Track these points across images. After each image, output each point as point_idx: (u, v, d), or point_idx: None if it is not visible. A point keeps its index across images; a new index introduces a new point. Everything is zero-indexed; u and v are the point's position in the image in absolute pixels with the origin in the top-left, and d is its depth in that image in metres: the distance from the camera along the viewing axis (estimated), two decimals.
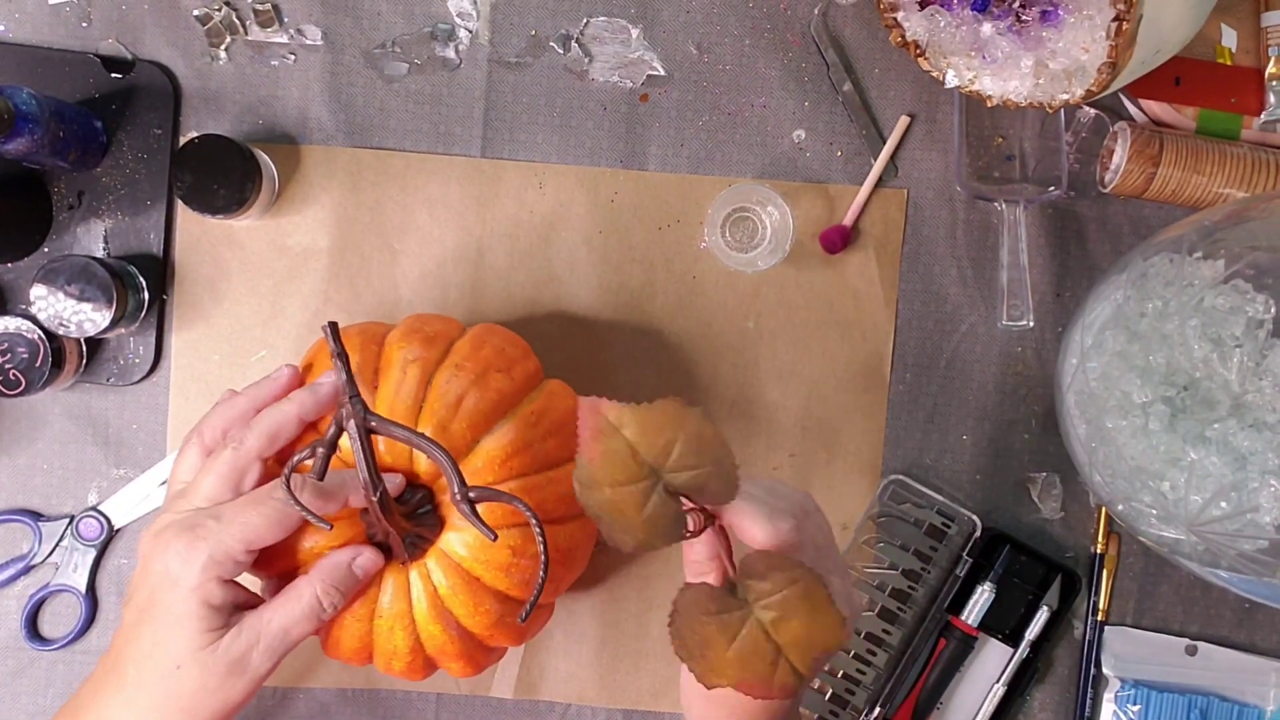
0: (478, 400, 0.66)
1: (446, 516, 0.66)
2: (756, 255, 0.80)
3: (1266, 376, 0.70)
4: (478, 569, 0.65)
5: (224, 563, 0.60)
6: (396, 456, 0.66)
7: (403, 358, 0.67)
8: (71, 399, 0.81)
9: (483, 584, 0.65)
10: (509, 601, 0.66)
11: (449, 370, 0.66)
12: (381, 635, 0.66)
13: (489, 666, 0.72)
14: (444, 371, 0.66)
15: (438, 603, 0.65)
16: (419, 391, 0.66)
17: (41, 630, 0.81)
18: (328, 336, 0.61)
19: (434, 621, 0.65)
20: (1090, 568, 0.83)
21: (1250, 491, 0.68)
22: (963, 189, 0.82)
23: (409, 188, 0.82)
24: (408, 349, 0.67)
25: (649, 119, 0.82)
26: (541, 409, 0.68)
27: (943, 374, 0.83)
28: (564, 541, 0.68)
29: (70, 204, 0.80)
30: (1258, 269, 0.72)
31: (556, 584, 0.70)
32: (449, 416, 0.65)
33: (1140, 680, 0.82)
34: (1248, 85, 0.81)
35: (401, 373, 0.66)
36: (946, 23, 0.75)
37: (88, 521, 0.80)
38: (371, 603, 0.65)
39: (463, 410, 0.65)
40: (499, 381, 0.67)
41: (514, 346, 0.70)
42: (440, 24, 0.81)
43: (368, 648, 0.67)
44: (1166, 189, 0.79)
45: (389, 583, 0.65)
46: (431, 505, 0.67)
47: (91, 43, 0.80)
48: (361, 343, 0.68)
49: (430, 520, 0.66)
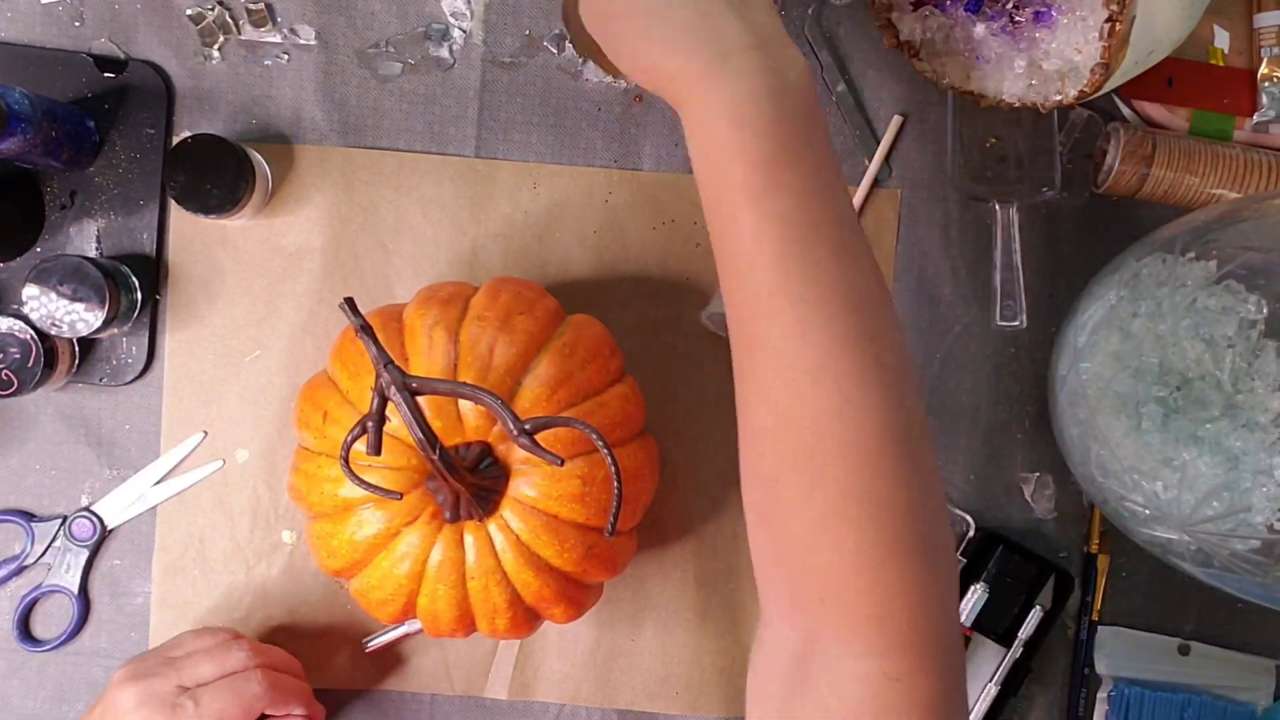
0: (508, 344, 0.67)
1: (509, 464, 0.67)
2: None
3: (1259, 377, 0.71)
4: (552, 506, 0.65)
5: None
6: (445, 421, 0.66)
7: (425, 324, 0.67)
8: (64, 399, 0.81)
9: (561, 520, 0.66)
10: (591, 532, 0.67)
11: (472, 324, 0.67)
12: (477, 597, 0.66)
13: (590, 606, 0.72)
14: (468, 327, 0.67)
15: (523, 549, 0.66)
16: (450, 349, 0.66)
17: (33, 631, 0.81)
18: (346, 312, 0.61)
19: (525, 569, 0.66)
20: (1083, 568, 0.83)
21: (1243, 491, 0.69)
22: (956, 189, 0.83)
23: (403, 188, 0.82)
24: (427, 314, 0.68)
25: (643, 119, 0.82)
26: (573, 339, 0.69)
27: (936, 374, 0.83)
28: (628, 462, 0.69)
29: (63, 204, 0.80)
30: (1250, 269, 0.72)
31: (633, 506, 0.70)
32: (485, 366, 0.66)
33: (1133, 680, 0.83)
34: (1240, 86, 0.81)
35: (428, 338, 0.67)
36: (940, 23, 0.75)
37: (80, 522, 0.80)
38: (459, 567, 0.66)
39: (496, 357, 0.66)
40: (524, 323, 0.68)
41: (529, 289, 0.71)
42: (434, 24, 0.81)
43: (467, 614, 0.67)
44: (1159, 189, 0.80)
45: (470, 542, 0.66)
46: (492, 458, 0.67)
47: (84, 42, 0.80)
48: (381, 322, 0.69)
49: (494, 472, 0.67)
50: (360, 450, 0.61)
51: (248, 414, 0.81)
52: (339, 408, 0.68)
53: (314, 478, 0.68)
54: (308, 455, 0.69)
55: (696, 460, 0.82)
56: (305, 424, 0.69)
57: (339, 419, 0.68)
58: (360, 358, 0.68)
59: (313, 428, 0.68)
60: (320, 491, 0.68)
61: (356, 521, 0.66)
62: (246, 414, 0.81)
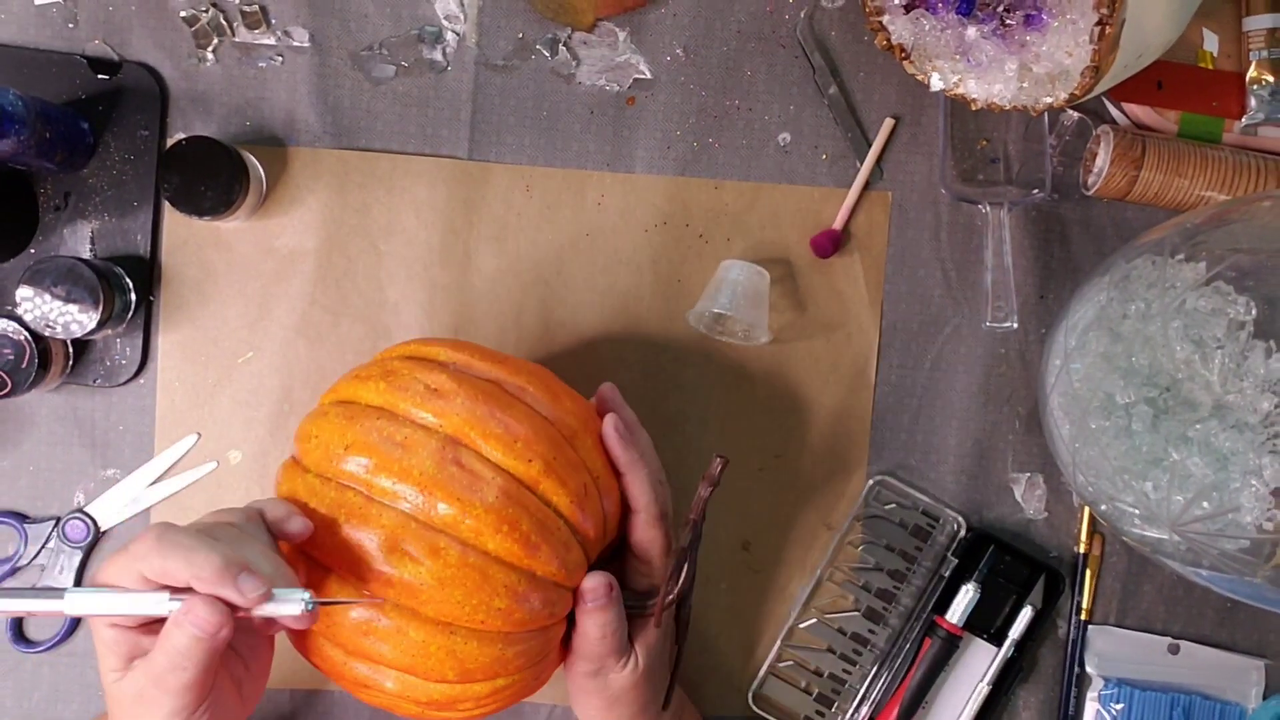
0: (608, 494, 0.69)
1: None
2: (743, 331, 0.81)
3: (1248, 377, 0.71)
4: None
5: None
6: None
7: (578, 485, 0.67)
8: (58, 400, 0.81)
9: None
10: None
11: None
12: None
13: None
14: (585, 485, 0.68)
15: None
16: (600, 507, 0.68)
17: (27, 633, 0.81)
18: (718, 470, 0.67)
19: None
20: (1074, 567, 0.84)
21: (1232, 492, 0.69)
22: (947, 191, 0.83)
23: (396, 190, 0.82)
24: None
25: (635, 122, 0.82)
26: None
27: (927, 375, 0.84)
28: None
29: (57, 205, 0.80)
30: (1239, 271, 0.72)
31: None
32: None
33: (1123, 679, 0.83)
34: (1229, 89, 0.82)
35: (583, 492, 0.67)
36: (931, 26, 0.75)
37: (74, 523, 0.80)
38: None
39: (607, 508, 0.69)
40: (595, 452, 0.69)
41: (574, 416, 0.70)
42: (427, 26, 0.81)
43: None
44: (1149, 192, 0.80)
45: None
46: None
47: (78, 44, 0.80)
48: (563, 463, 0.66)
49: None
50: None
51: (241, 415, 0.81)
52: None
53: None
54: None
55: (685, 461, 0.82)
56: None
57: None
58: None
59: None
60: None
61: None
62: (240, 415, 0.81)
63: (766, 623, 0.84)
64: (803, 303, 0.83)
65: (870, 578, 0.83)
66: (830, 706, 0.83)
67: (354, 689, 0.65)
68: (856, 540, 0.83)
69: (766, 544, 0.83)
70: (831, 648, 0.83)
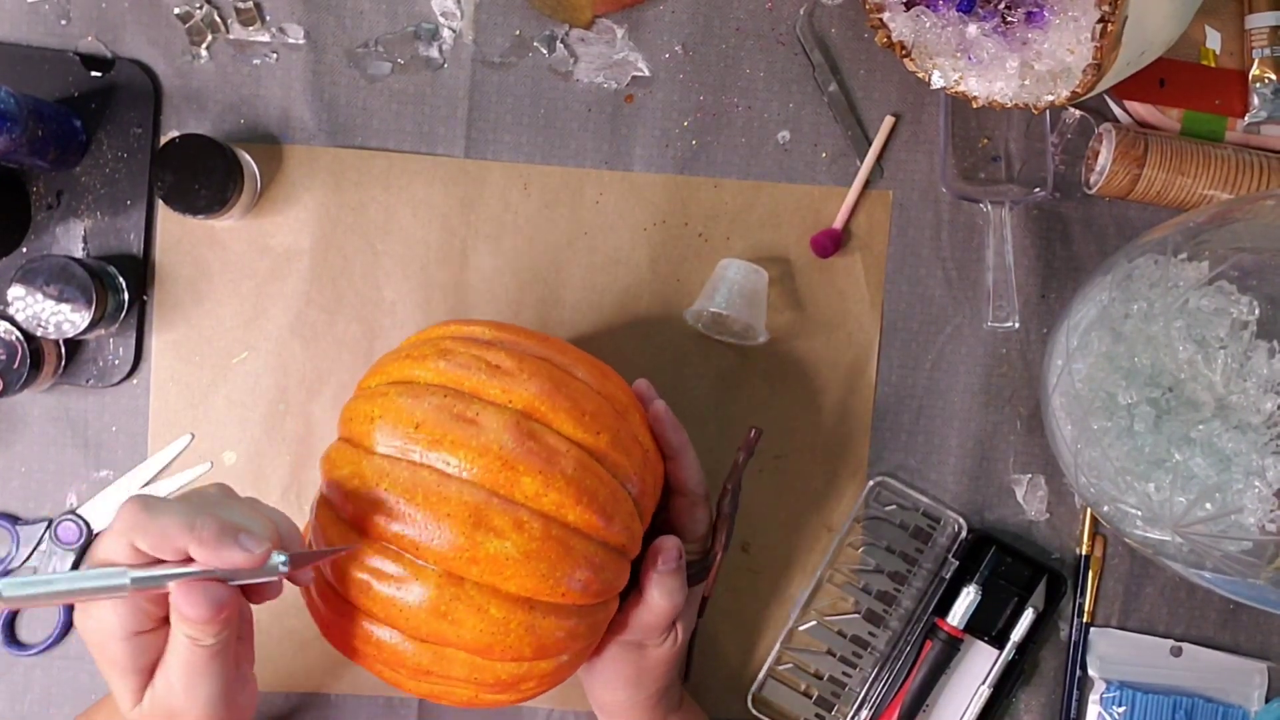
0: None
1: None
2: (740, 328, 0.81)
3: (1250, 378, 0.71)
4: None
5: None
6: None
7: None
8: (50, 401, 0.80)
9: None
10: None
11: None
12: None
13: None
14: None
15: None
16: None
17: (19, 635, 0.80)
18: (751, 444, 0.72)
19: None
20: (1076, 569, 0.83)
21: (1234, 493, 0.69)
22: (948, 190, 0.82)
23: (392, 188, 0.81)
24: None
25: (634, 120, 0.82)
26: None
27: (928, 376, 0.83)
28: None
29: (49, 203, 0.79)
30: (1242, 270, 0.72)
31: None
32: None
33: (1125, 681, 0.82)
34: (1232, 87, 0.81)
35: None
36: (932, 23, 0.75)
37: (66, 525, 0.79)
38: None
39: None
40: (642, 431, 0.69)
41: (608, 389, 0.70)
42: (424, 23, 0.81)
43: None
44: (1151, 190, 0.80)
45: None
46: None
47: (71, 40, 0.80)
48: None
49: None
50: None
51: (235, 416, 0.81)
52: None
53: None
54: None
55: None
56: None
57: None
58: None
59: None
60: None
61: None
62: (234, 416, 0.81)
63: (766, 625, 0.83)
64: (802, 302, 0.82)
65: (870, 580, 0.83)
66: (830, 709, 0.82)
67: (411, 676, 0.63)
68: (857, 542, 0.83)
69: (766, 546, 0.83)
70: (831, 650, 0.83)
